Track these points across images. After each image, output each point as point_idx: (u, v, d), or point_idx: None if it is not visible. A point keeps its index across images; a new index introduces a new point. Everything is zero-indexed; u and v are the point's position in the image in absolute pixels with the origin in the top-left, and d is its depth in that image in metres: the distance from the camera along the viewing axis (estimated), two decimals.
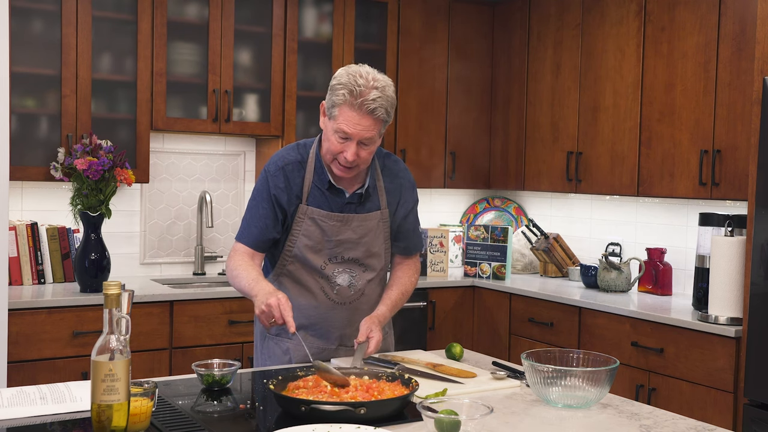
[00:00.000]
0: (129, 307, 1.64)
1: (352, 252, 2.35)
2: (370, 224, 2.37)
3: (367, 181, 2.36)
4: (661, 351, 3.37)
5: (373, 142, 2.24)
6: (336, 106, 2.21)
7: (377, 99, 2.18)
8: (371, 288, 2.42)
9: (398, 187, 2.44)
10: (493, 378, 2.17)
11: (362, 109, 2.17)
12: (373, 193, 2.38)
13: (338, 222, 2.32)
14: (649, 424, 1.83)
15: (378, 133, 2.24)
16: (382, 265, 2.44)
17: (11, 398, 1.85)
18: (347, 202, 2.34)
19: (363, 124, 2.19)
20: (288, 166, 2.33)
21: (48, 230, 3.72)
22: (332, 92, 2.22)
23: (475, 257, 4.48)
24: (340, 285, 2.36)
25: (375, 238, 2.38)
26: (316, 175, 2.33)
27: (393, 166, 2.45)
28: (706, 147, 3.55)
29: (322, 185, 2.32)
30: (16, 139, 3.49)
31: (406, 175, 2.47)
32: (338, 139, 2.22)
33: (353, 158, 2.22)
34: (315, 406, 1.70)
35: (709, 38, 3.54)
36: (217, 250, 4.34)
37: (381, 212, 2.39)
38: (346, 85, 2.19)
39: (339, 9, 4.28)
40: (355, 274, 2.38)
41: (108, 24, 3.77)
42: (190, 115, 3.96)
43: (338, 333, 2.40)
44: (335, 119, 2.21)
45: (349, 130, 2.19)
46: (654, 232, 4.17)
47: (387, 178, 2.42)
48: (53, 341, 3.36)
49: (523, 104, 4.57)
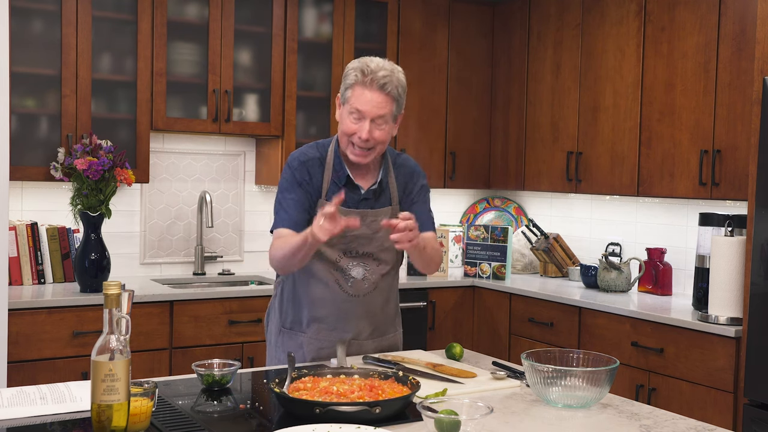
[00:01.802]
0: (129, 307, 1.64)
1: (366, 247, 2.40)
2: (383, 219, 2.40)
3: (380, 175, 2.43)
4: (661, 351, 3.37)
5: (386, 121, 2.31)
6: (348, 88, 2.31)
7: (387, 76, 2.29)
8: (385, 281, 2.47)
9: (408, 178, 2.50)
10: (493, 378, 2.17)
11: (373, 86, 2.27)
12: (385, 189, 2.44)
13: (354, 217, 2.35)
14: (649, 424, 1.83)
15: (390, 114, 2.31)
16: (395, 259, 2.49)
17: (11, 398, 1.85)
18: (363, 198, 2.40)
19: (375, 101, 2.27)
20: (309, 162, 2.40)
21: (48, 230, 3.72)
22: (345, 78, 2.34)
23: (475, 257, 4.48)
24: (355, 278, 2.40)
25: (387, 232, 2.41)
26: (334, 173, 2.40)
27: (404, 162, 2.53)
28: (706, 147, 3.55)
29: (340, 181, 2.39)
30: (16, 139, 3.49)
31: (416, 168, 2.54)
32: (352, 120, 2.31)
33: (367, 136, 2.29)
34: (331, 408, 1.70)
35: (709, 38, 3.54)
36: (217, 250, 4.34)
37: (392, 208, 2.44)
38: (357, 68, 2.31)
39: (339, 9, 4.28)
40: (369, 268, 2.42)
41: (108, 24, 3.77)
42: (190, 115, 3.96)
43: (352, 325, 2.43)
44: (348, 101, 2.31)
45: (362, 107, 2.28)
46: (654, 232, 4.17)
47: (398, 173, 2.48)
48: (53, 341, 3.36)
49: (523, 104, 4.57)
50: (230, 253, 4.39)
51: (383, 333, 2.52)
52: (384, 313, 2.51)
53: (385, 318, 2.52)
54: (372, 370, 2.03)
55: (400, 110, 2.37)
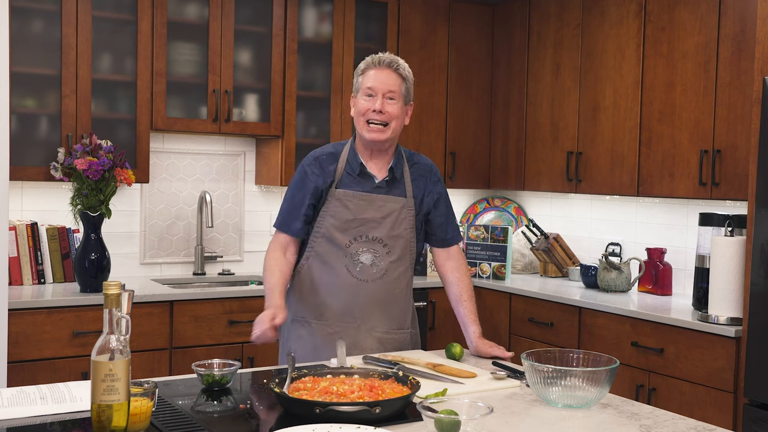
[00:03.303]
0: (129, 307, 1.64)
1: (375, 231, 2.46)
2: (393, 206, 2.48)
3: (391, 164, 2.49)
4: (661, 351, 3.37)
5: (397, 99, 2.42)
6: (360, 75, 2.46)
7: (395, 58, 2.45)
8: (395, 269, 2.51)
9: (424, 178, 2.57)
10: (493, 378, 2.17)
11: (382, 65, 2.43)
12: (400, 179, 2.50)
13: (363, 201, 2.46)
14: (649, 424, 1.83)
15: (400, 92, 2.43)
16: (406, 251, 2.52)
17: (11, 398, 1.85)
18: (377, 185, 2.48)
19: (386, 79, 2.41)
20: (322, 157, 2.51)
21: (48, 230, 3.72)
22: (356, 73, 2.49)
23: (475, 257, 4.48)
24: (363, 263, 2.47)
25: (397, 220, 2.49)
26: (348, 165, 2.48)
27: (420, 160, 2.60)
28: (706, 147, 3.55)
29: (353, 171, 2.47)
30: (16, 139, 3.49)
31: (432, 169, 2.61)
32: (365, 99, 2.43)
33: (380, 107, 2.39)
34: (331, 408, 1.70)
35: (709, 38, 3.54)
36: (217, 250, 4.34)
37: (406, 200, 2.51)
38: (368, 59, 2.47)
39: (339, 9, 4.28)
40: (379, 254, 2.48)
41: (108, 24, 3.77)
42: (190, 115, 3.96)
43: (360, 312, 2.49)
44: (361, 87, 2.44)
45: (374, 83, 2.41)
46: (654, 232, 4.17)
47: (413, 170, 2.55)
48: (53, 341, 3.36)
49: (523, 104, 4.57)
50: (230, 253, 4.39)
51: (400, 326, 2.56)
52: (396, 304, 2.53)
53: (399, 311, 2.55)
54: (372, 370, 2.03)
55: (409, 95, 2.48)
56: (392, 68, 2.42)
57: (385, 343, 2.51)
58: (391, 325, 2.53)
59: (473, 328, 2.53)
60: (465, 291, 2.58)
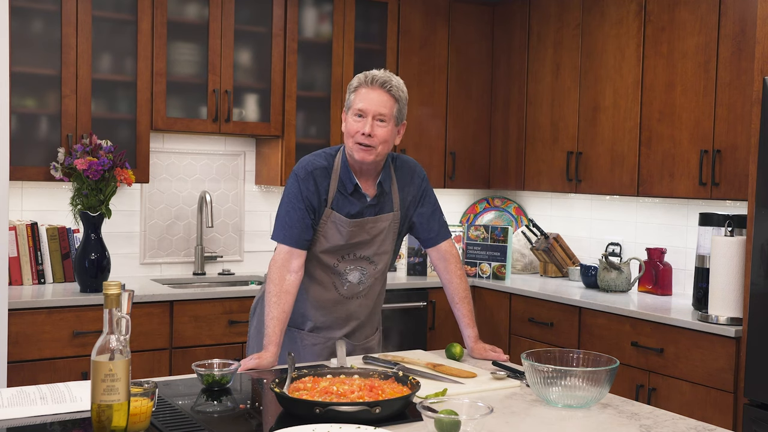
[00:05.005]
0: (129, 307, 1.64)
1: (363, 251, 2.47)
2: (382, 225, 2.47)
3: (378, 179, 2.45)
4: (661, 351, 3.37)
5: (387, 121, 2.35)
6: (352, 93, 2.39)
7: (388, 79, 2.36)
8: (378, 281, 2.55)
9: (409, 185, 2.54)
10: (493, 378, 2.17)
11: (374, 84, 2.35)
12: (387, 193, 2.47)
13: (354, 228, 2.43)
14: (649, 424, 1.83)
15: (392, 114, 2.36)
16: (387, 262, 2.56)
17: (11, 398, 1.85)
18: (369, 204, 2.44)
19: (377, 99, 2.33)
20: (316, 171, 2.43)
21: (48, 230, 3.72)
22: (348, 88, 2.42)
23: (475, 257, 4.48)
24: (351, 282, 2.48)
25: (385, 237, 2.50)
26: (341, 182, 2.43)
27: (402, 163, 2.55)
28: (706, 147, 3.55)
29: (346, 191, 2.42)
30: (16, 139, 3.49)
31: (416, 170, 2.57)
32: (355, 120, 2.35)
33: (369, 131, 2.32)
34: (331, 408, 1.70)
35: (709, 38, 3.54)
36: (217, 250, 4.34)
37: (393, 214, 2.49)
38: (359, 76, 2.39)
39: (339, 9, 4.28)
40: (366, 272, 2.49)
41: (108, 24, 3.77)
42: (190, 115, 3.96)
43: (342, 324, 2.52)
44: (352, 105, 2.37)
45: (364, 105, 2.34)
46: (654, 232, 4.17)
47: (398, 174, 2.52)
48: (53, 341, 3.36)
49: (523, 104, 4.57)
50: (230, 253, 4.39)
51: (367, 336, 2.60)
52: (374, 315, 2.61)
53: (376, 320, 2.63)
54: (372, 370, 2.03)
55: (402, 116, 2.40)
56: (384, 89, 2.34)
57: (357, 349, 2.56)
58: (368, 334, 2.61)
59: (468, 331, 2.51)
60: (456, 293, 2.55)
